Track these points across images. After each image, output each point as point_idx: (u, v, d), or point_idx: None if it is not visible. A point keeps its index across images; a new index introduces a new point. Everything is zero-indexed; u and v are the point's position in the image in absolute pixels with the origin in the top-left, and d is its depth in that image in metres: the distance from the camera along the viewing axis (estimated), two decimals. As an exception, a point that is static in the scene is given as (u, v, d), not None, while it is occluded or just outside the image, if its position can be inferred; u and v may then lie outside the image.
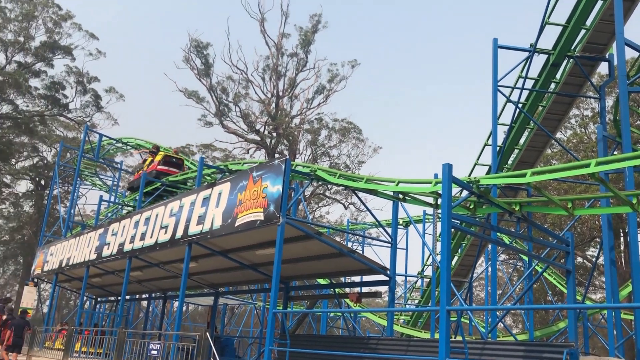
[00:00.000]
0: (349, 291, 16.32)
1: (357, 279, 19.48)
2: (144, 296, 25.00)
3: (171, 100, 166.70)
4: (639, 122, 35.02)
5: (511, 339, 17.88)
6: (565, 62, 15.73)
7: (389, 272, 12.82)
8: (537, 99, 16.37)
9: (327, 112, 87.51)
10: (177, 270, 16.93)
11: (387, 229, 14.06)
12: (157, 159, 25.94)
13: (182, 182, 24.12)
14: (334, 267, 14.14)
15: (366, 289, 20.45)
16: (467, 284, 19.31)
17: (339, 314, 27.94)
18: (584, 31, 15.09)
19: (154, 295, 23.94)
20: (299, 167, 17.30)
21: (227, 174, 22.03)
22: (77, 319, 20.99)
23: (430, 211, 25.79)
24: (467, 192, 9.58)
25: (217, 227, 12.39)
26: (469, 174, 17.42)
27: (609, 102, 23.90)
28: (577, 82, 16.17)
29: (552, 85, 16.31)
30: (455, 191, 11.15)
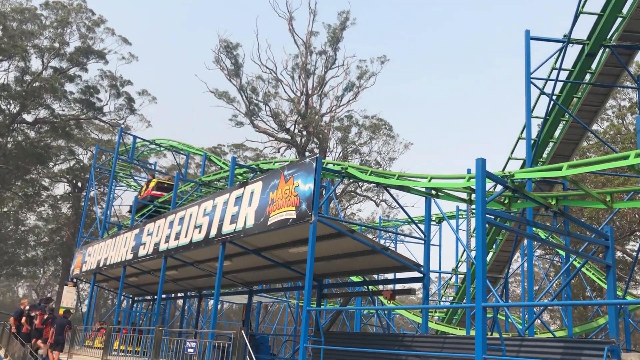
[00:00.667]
0: (383, 288, 16.24)
1: (391, 276, 19.41)
2: (180, 295, 25.35)
3: (202, 101, 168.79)
4: (680, 112, 33.96)
5: (549, 335, 17.57)
6: (600, 51, 15.32)
7: (422, 268, 12.72)
8: (572, 91, 16.00)
9: (357, 109, 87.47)
10: (211, 268, 17.11)
11: (420, 226, 13.95)
12: (151, 185, 29.18)
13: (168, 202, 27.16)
14: (367, 265, 14.10)
15: (400, 286, 20.33)
16: (502, 280, 19.04)
17: (373, 312, 27.88)
18: (620, 19, 14.67)
19: (189, 294, 24.24)
20: (330, 165, 17.29)
21: (259, 173, 22.16)
22: (115, 318, 21.41)
23: (463, 207, 25.50)
24: (501, 187, 9.43)
25: (250, 225, 12.47)
26: (503, 169, 17.15)
27: (647, 92, 23.20)
28: (613, 72, 15.73)
29: (588, 76, 15.91)
30: (489, 186, 10.99)
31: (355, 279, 19.03)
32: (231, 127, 49.79)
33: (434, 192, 12.30)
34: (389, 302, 18.60)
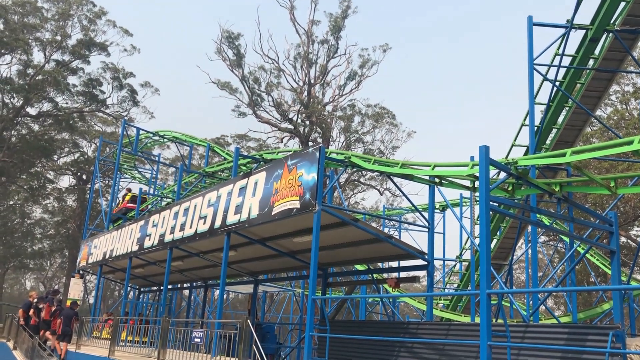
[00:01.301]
0: (387, 276, 16.31)
1: (395, 264, 19.49)
2: (186, 285, 25.50)
3: (205, 92, 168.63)
4: (684, 96, 33.80)
5: (554, 321, 17.62)
6: (604, 36, 15.22)
7: (426, 256, 12.76)
8: (575, 77, 15.92)
9: (359, 98, 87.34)
10: (216, 259, 17.20)
11: (424, 214, 13.96)
12: (127, 198, 30.79)
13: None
14: (372, 253, 14.15)
15: (404, 274, 20.41)
16: (507, 267, 19.08)
17: (378, 300, 28.00)
18: (623, 3, 14.54)
19: (195, 284, 24.38)
20: (333, 155, 17.30)
21: (262, 163, 22.19)
22: (122, 309, 21.57)
23: (467, 194, 25.51)
24: (504, 174, 9.44)
25: (254, 216, 12.52)
26: (506, 156, 17.13)
27: (651, 77, 23.10)
28: (617, 57, 15.64)
29: (591, 61, 15.82)
30: (492, 173, 10.99)
31: (359, 267, 19.10)
32: (234, 118, 49.73)
33: (437, 180, 12.29)
34: (394, 290, 18.70)
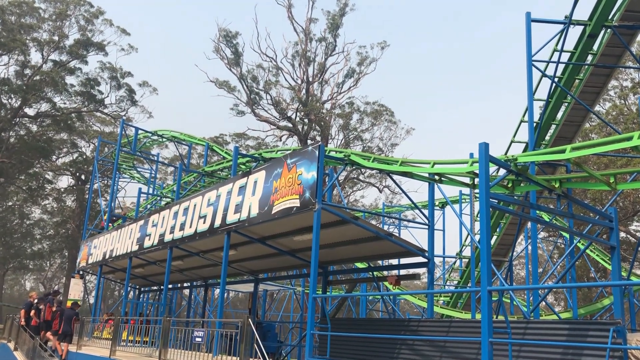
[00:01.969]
0: (388, 274, 16.32)
1: (395, 261, 19.48)
2: (186, 285, 25.49)
3: (203, 91, 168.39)
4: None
5: (554, 317, 17.63)
6: (602, 32, 15.23)
7: (427, 253, 12.76)
8: (573, 72, 15.92)
9: (358, 95, 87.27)
10: (217, 258, 17.20)
11: (424, 211, 13.97)
12: (104, 217, 31.14)
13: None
14: (372, 251, 14.14)
15: (404, 272, 20.38)
16: (507, 263, 19.08)
17: (378, 297, 28.01)
18: (621, -1, 14.57)
19: (195, 283, 24.37)
20: (333, 153, 17.29)
21: (262, 162, 22.18)
22: (122, 308, 21.56)
23: (466, 191, 25.52)
24: (504, 171, 9.43)
25: (254, 215, 12.52)
26: (506, 152, 17.14)
27: (649, 72, 23.12)
28: (615, 52, 15.64)
29: (589, 57, 15.82)
30: (491, 170, 10.99)
31: (360, 265, 19.12)
32: (232, 117, 49.75)
33: (437, 177, 12.29)
34: (394, 287, 18.70)
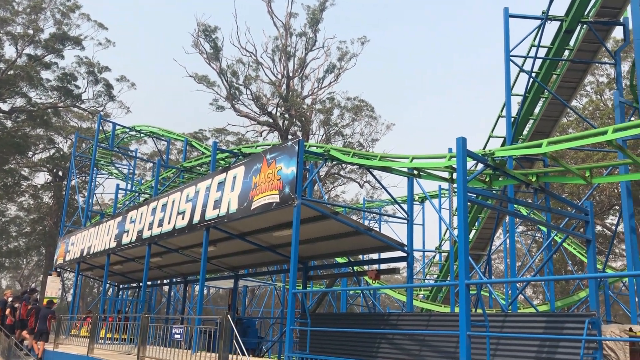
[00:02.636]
0: (368, 269, 16.35)
1: (375, 256, 19.56)
2: (165, 281, 25.31)
3: (182, 86, 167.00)
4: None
5: (532, 310, 17.87)
6: (578, 28, 15.41)
7: (406, 248, 12.82)
8: (550, 68, 16.09)
9: (338, 91, 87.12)
10: (196, 254, 17.08)
11: (403, 206, 14.02)
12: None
13: None
14: (352, 246, 14.17)
15: (385, 266, 20.51)
16: (485, 257, 19.27)
17: (359, 292, 28.09)
18: (597, -5, 14.75)
19: (174, 280, 24.22)
20: (313, 148, 17.27)
21: (241, 157, 22.07)
22: (100, 306, 21.34)
23: (445, 186, 25.69)
24: (482, 165, 9.50)
25: (233, 210, 12.44)
26: (484, 147, 17.27)
27: (624, 68, 23.47)
28: (591, 48, 15.85)
29: (566, 52, 16.01)
30: (470, 165, 11.06)
31: (340, 260, 19.13)
32: (212, 112, 49.54)
33: (416, 172, 12.35)
34: (374, 282, 18.75)
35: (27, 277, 71.50)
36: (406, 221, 13.47)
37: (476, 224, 20.13)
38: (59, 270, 26.87)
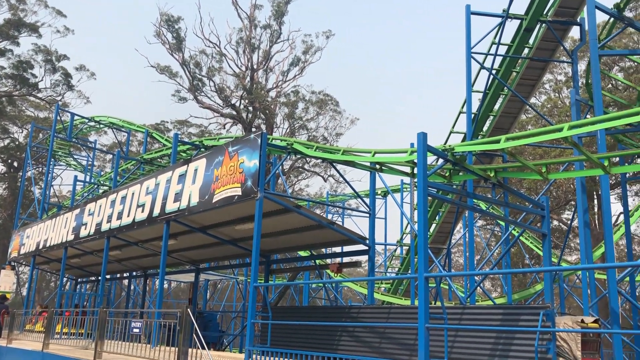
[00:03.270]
0: (330, 262, 16.41)
1: (338, 249, 19.64)
2: (125, 275, 24.90)
3: (144, 76, 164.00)
4: (611, 86, 35.47)
5: (490, 303, 18.24)
6: (538, 26, 15.73)
7: (368, 241, 12.92)
8: (510, 65, 16.40)
9: (303, 84, 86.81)
10: (156, 248, 16.85)
11: (366, 200, 14.11)
12: None
13: None
14: (315, 239, 14.20)
15: (347, 259, 20.59)
16: (445, 251, 19.58)
17: (321, 285, 28.20)
18: (555, -5, 15.08)
19: (134, 273, 23.86)
20: (277, 141, 17.20)
21: (203, 150, 21.82)
22: (57, 300, 20.85)
23: (407, 180, 25.96)
24: (442, 160, 9.62)
25: (194, 203, 12.31)
26: (445, 142, 17.50)
27: (581, 66, 24.11)
28: (550, 46, 16.21)
29: (526, 50, 16.34)
30: (432, 160, 11.21)
31: (303, 253, 19.16)
32: (174, 103, 48.74)
33: (378, 166, 12.45)
34: (336, 275, 18.85)
35: (-20, 271, 69.25)
36: (368, 215, 13.57)
37: (437, 218, 20.42)
38: (13, 264, 26.12)
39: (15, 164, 52.55)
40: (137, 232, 15.72)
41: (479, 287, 18.15)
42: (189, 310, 10.09)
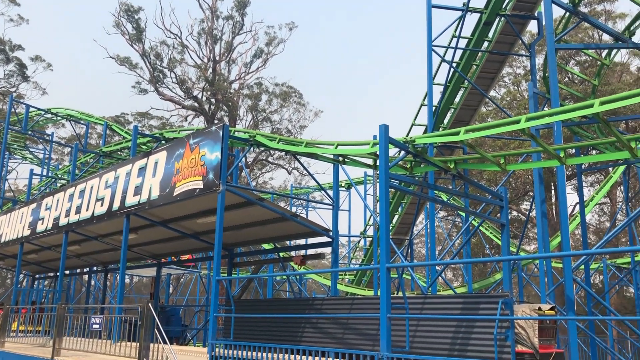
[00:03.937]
0: (294, 254, 16.43)
1: (302, 242, 19.66)
2: (85, 270, 24.41)
3: (103, 67, 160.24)
4: (567, 79, 36.38)
5: (451, 292, 18.58)
6: (497, 20, 15.99)
7: (331, 233, 12.97)
8: (470, 58, 16.63)
9: (266, 76, 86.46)
10: (116, 242, 16.55)
11: (330, 192, 14.16)
12: None
13: None
14: (278, 232, 14.17)
15: (311, 251, 20.64)
16: (407, 242, 19.82)
17: (285, 278, 28.21)
18: (514, -11, 15.34)
19: (94, 269, 23.40)
20: (239, 133, 17.07)
21: (163, 142, 21.50)
22: (13, 297, 20.31)
23: (370, 172, 26.14)
24: (404, 152, 9.71)
25: (155, 197, 12.12)
26: (407, 134, 17.68)
27: (539, 60, 24.62)
28: (509, 40, 16.50)
29: (485, 44, 16.59)
30: (393, 152, 11.29)
31: (266, 246, 19.11)
32: (135, 95, 47.82)
33: (341, 158, 12.48)
34: (300, 267, 18.89)
35: None
36: (332, 207, 13.62)
37: (399, 210, 20.64)
38: (-34, 260, 25.26)
39: (-33, 158, 50.74)
40: (97, 227, 15.41)
41: (440, 277, 18.45)
42: (150, 304, 9.96)
